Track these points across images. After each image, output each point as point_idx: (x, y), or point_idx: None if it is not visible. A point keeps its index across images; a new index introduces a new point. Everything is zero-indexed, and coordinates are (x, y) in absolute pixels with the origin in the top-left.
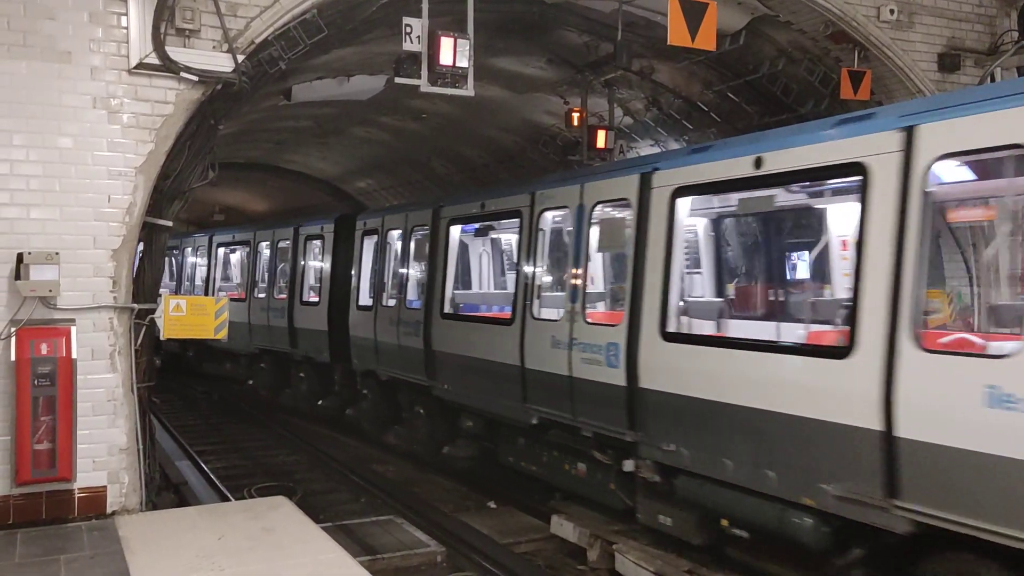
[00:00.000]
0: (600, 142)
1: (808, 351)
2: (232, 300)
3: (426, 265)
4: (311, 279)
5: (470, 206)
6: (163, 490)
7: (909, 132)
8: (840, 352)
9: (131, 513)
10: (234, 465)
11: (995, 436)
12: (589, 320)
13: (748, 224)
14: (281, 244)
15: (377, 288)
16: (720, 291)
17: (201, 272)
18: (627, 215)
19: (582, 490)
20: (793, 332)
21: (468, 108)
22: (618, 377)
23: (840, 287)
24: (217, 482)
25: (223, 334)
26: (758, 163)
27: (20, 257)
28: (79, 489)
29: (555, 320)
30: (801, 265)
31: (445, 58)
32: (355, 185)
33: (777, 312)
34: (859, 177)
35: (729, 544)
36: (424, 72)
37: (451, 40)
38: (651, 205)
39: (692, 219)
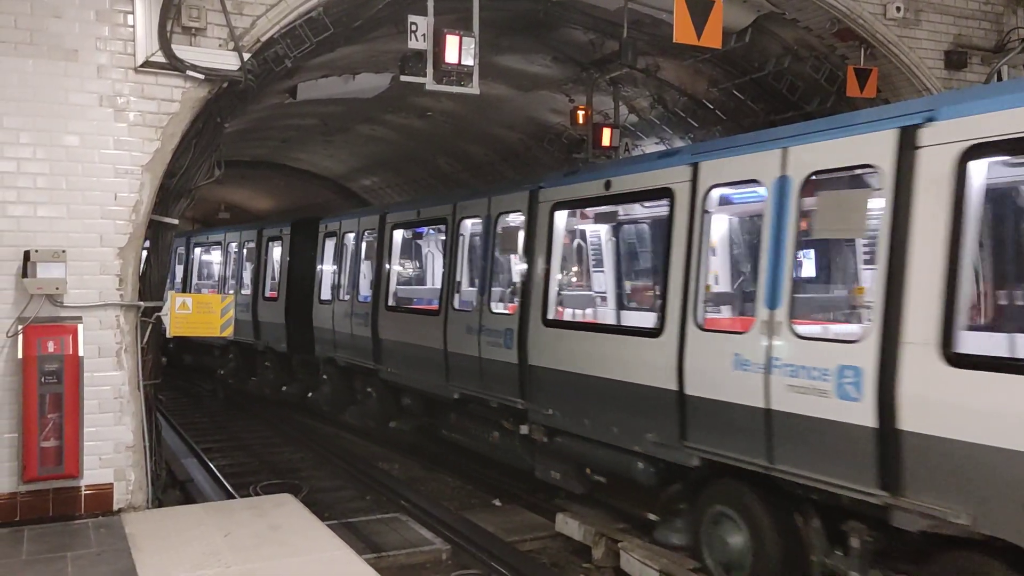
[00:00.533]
0: (605, 140)
1: (637, 332)
2: None
3: (374, 263)
4: (272, 276)
5: (409, 213)
6: (169, 487)
7: (695, 167)
8: (655, 333)
9: (137, 510)
10: (240, 463)
11: (737, 390)
12: (493, 310)
13: (603, 232)
14: (248, 245)
15: (335, 284)
16: (584, 286)
17: (179, 270)
18: (520, 224)
19: (497, 455)
20: (630, 318)
21: (473, 106)
22: (512, 356)
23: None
24: (223, 479)
25: (229, 331)
26: (607, 185)
27: (27, 255)
28: (86, 486)
29: (469, 311)
30: (638, 265)
31: (450, 56)
32: (360, 183)
33: (624, 302)
34: (668, 199)
35: (597, 490)
36: (429, 70)
37: (456, 38)
38: (537, 216)
39: (565, 227)
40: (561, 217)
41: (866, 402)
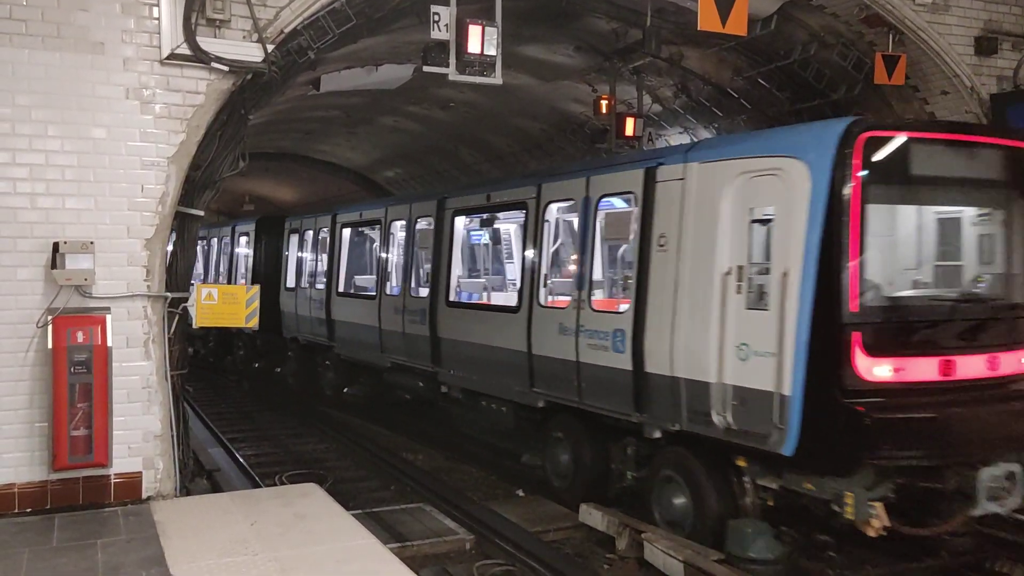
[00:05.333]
0: (629, 130)
1: (504, 309)
2: None
3: (326, 258)
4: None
5: (353, 215)
6: (196, 476)
7: (539, 187)
8: (514, 310)
9: (166, 498)
10: (266, 452)
11: (560, 349)
12: (412, 295)
13: (485, 232)
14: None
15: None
16: (473, 274)
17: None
18: (431, 226)
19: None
20: (499, 298)
21: (496, 96)
22: (426, 331)
23: (512, 273)
24: (249, 469)
25: (254, 322)
26: (488, 198)
27: (56, 246)
28: (115, 475)
29: (396, 295)
30: (507, 258)
31: (473, 46)
32: (383, 174)
33: (494, 288)
34: (524, 209)
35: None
36: (452, 60)
37: (479, 28)
38: (444, 220)
39: (462, 228)
40: (461, 220)
41: (627, 353)
